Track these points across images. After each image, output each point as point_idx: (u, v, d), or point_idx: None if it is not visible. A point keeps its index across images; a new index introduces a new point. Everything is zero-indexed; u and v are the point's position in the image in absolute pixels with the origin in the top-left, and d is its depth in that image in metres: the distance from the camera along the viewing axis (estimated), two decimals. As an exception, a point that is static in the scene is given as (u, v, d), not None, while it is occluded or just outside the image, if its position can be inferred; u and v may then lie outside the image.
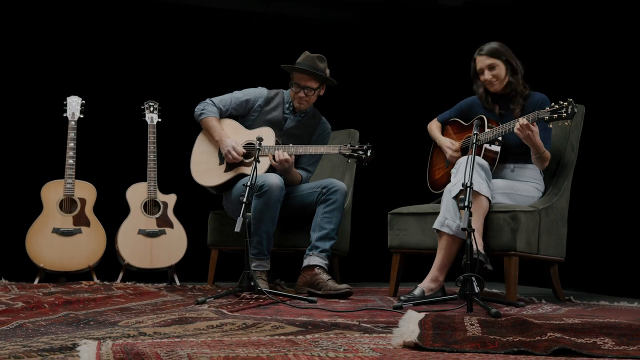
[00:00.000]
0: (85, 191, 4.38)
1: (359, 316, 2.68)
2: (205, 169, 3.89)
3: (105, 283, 4.10)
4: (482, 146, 3.46)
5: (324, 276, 3.57)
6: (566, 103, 3.12)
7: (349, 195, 4.41)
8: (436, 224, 3.33)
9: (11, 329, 2.19)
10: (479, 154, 3.45)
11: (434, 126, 3.91)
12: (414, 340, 1.89)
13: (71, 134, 4.40)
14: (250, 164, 3.71)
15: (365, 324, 2.38)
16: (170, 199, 4.47)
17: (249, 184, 3.19)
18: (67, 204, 4.33)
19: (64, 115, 4.43)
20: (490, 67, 3.50)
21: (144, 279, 4.43)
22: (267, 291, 3.20)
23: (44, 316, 2.52)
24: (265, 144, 3.72)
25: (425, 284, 3.29)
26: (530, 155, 3.46)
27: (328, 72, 3.84)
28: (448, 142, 3.74)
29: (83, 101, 4.50)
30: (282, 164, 3.67)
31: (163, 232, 4.40)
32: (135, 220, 4.39)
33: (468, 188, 2.90)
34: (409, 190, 4.56)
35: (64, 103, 4.45)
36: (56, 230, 4.27)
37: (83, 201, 4.35)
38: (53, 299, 3.02)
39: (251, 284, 3.17)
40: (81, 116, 4.47)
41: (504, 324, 2.30)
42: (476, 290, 2.80)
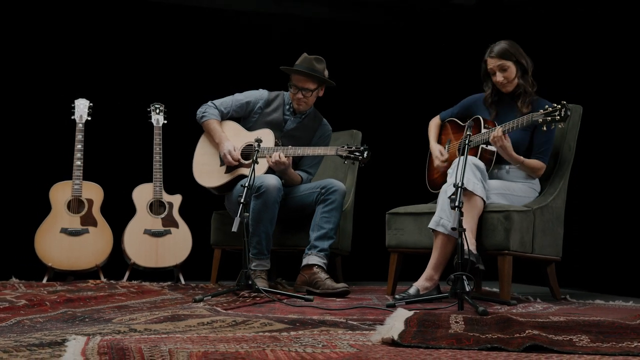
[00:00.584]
0: (93, 192, 4.48)
1: (350, 314, 2.73)
2: (207, 171, 3.97)
3: (112, 282, 4.19)
4: (479, 147, 3.50)
5: (322, 275, 3.63)
6: (559, 106, 3.16)
7: (351, 195, 4.47)
8: (431, 224, 3.37)
9: (8, 326, 2.27)
10: (476, 155, 3.49)
11: (433, 125, 3.94)
12: (392, 336, 1.95)
13: (79, 136, 4.49)
14: (250, 165, 3.77)
15: (353, 322, 2.43)
16: (176, 200, 4.55)
17: (246, 185, 3.26)
18: (75, 205, 4.43)
19: (72, 117, 4.53)
20: (501, 69, 3.53)
21: (150, 278, 4.51)
22: (264, 290, 3.27)
23: (43, 313, 2.61)
24: (265, 146, 3.79)
25: (421, 283, 3.34)
26: (529, 155, 3.51)
27: (327, 73, 3.90)
28: (437, 152, 3.78)
29: (91, 104, 4.59)
30: (278, 165, 3.73)
31: (168, 232, 4.49)
32: (141, 220, 4.47)
33: (459, 188, 2.94)
34: (411, 190, 4.59)
35: (72, 106, 4.55)
36: (64, 230, 4.37)
37: (90, 202, 4.45)
38: (56, 297, 3.10)
39: (249, 283, 3.24)
40: (89, 118, 4.57)
41: (488, 322, 2.34)
42: (467, 289, 2.85)
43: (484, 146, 3.48)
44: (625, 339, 1.97)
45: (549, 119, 3.17)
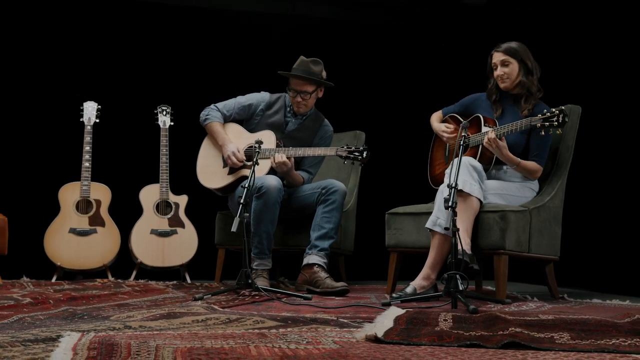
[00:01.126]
0: (101, 193, 4.57)
1: (344, 312, 2.79)
2: (210, 172, 4.04)
3: (119, 281, 4.28)
4: (479, 146, 3.54)
5: (322, 274, 3.69)
6: (557, 111, 3.20)
7: (354, 195, 4.52)
8: (428, 223, 3.42)
9: (9, 323, 2.35)
10: (475, 154, 3.53)
11: (435, 118, 3.98)
12: (374, 333, 2.00)
13: (87, 138, 4.59)
14: (257, 164, 3.83)
15: (344, 320, 2.49)
16: (182, 200, 4.63)
17: (246, 186, 3.32)
18: (83, 205, 4.52)
19: (81, 120, 4.63)
20: (503, 64, 3.59)
21: (157, 277, 4.59)
22: (264, 288, 3.33)
23: (45, 311, 2.69)
24: (266, 147, 3.85)
25: (418, 282, 3.38)
26: (525, 156, 3.54)
27: (325, 74, 3.96)
28: (443, 127, 3.82)
29: (99, 106, 4.69)
30: (281, 167, 3.79)
31: (175, 232, 4.57)
32: (148, 220, 4.56)
33: (452, 189, 2.99)
34: (414, 190, 4.64)
35: (81, 108, 4.65)
36: (73, 230, 4.46)
37: (98, 202, 4.54)
38: (60, 296, 3.19)
39: (249, 282, 3.31)
40: (97, 121, 4.66)
41: (476, 320, 2.39)
42: (460, 288, 2.89)
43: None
44: (605, 337, 2.01)
45: (547, 124, 3.22)
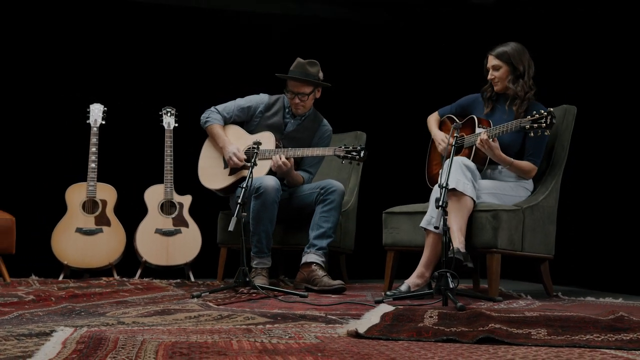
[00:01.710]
0: (107, 193, 4.67)
1: (335, 309, 2.86)
2: (211, 173, 4.12)
3: (124, 279, 4.37)
4: (473, 146, 3.59)
5: (320, 273, 3.76)
6: (546, 113, 3.25)
7: (354, 195, 4.59)
8: (423, 223, 3.48)
9: (9, 318, 2.44)
10: (469, 154, 3.59)
11: (432, 119, 4.04)
12: (355, 329, 2.07)
13: (93, 140, 4.69)
14: (256, 165, 3.91)
15: (332, 316, 2.56)
16: (186, 200, 4.72)
17: (244, 186, 3.40)
18: (90, 205, 4.62)
19: (87, 121, 4.73)
20: (494, 68, 3.65)
21: (162, 275, 4.67)
22: (260, 286, 3.41)
23: (46, 308, 2.78)
24: (265, 148, 3.93)
25: (412, 280, 3.44)
26: (521, 156, 3.59)
27: (321, 75, 4.03)
28: (442, 136, 3.87)
29: (105, 108, 4.79)
30: (280, 168, 3.87)
31: (179, 231, 4.65)
32: (153, 220, 4.65)
33: (443, 189, 3.05)
34: (415, 190, 4.69)
35: (87, 110, 4.75)
36: (79, 230, 4.56)
37: (104, 202, 4.64)
38: (63, 293, 3.28)
39: (247, 280, 3.38)
40: (103, 122, 4.76)
41: (461, 316, 2.44)
42: (451, 286, 2.95)
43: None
44: (580, 332, 2.06)
45: (536, 125, 3.27)
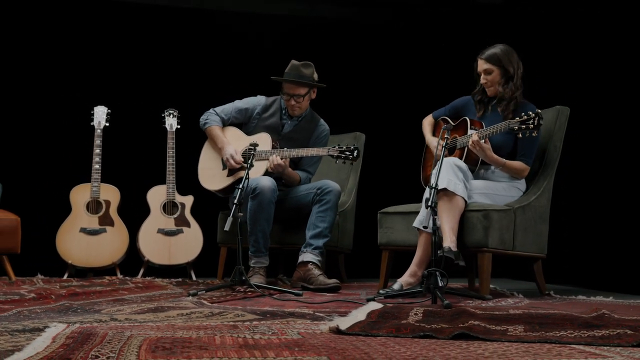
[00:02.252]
0: (110, 193, 4.76)
1: (326, 307, 2.93)
2: (210, 174, 4.20)
3: (126, 278, 4.46)
4: (465, 147, 3.65)
5: (316, 271, 3.83)
6: (533, 115, 3.30)
7: (353, 195, 4.65)
8: (415, 222, 3.54)
9: (7, 315, 2.53)
10: (461, 155, 3.65)
11: (426, 123, 4.10)
12: (336, 325, 2.14)
13: (97, 141, 4.78)
14: (252, 167, 3.98)
15: (320, 314, 2.63)
16: (188, 200, 4.81)
17: (240, 187, 3.48)
18: (94, 206, 4.72)
19: (91, 124, 4.83)
20: (486, 72, 3.70)
21: (164, 274, 4.75)
22: (256, 285, 3.48)
23: (45, 305, 2.86)
24: (263, 149, 4.01)
25: (404, 279, 3.50)
26: (513, 157, 3.64)
27: (316, 76, 4.11)
28: (435, 143, 3.93)
29: (109, 110, 4.89)
30: (276, 168, 3.94)
31: (181, 231, 4.74)
32: (155, 220, 4.74)
33: (433, 189, 3.11)
34: (413, 190, 4.75)
35: (91, 113, 4.85)
36: (83, 230, 4.66)
37: (108, 203, 4.73)
38: (64, 292, 3.37)
39: (242, 279, 3.46)
40: (107, 124, 4.86)
41: (445, 314, 2.51)
42: (440, 284, 3.01)
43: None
44: (556, 329, 2.12)
45: (524, 126, 3.32)
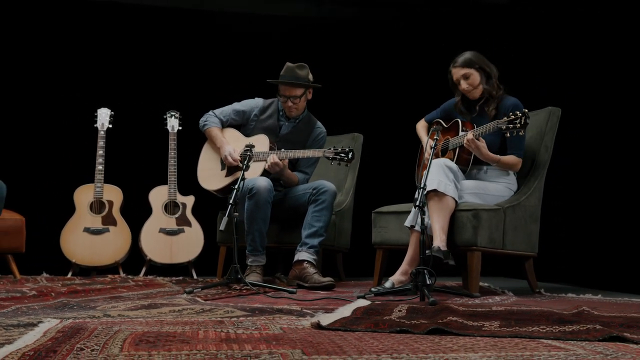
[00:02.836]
0: (113, 194, 4.87)
1: (316, 304, 3.01)
2: (209, 175, 4.30)
3: (128, 276, 4.56)
4: (456, 149, 3.73)
5: (311, 270, 3.91)
6: (520, 114, 3.38)
7: (350, 195, 4.73)
8: (407, 222, 3.62)
9: (6, 312, 2.62)
10: (453, 157, 3.72)
11: (420, 126, 4.18)
12: (317, 321, 2.22)
13: (100, 143, 4.90)
14: (247, 169, 4.07)
15: (307, 310, 2.71)
16: (189, 200, 4.91)
17: (236, 187, 3.57)
18: (97, 206, 4.83)
19: (95, 125, 4.94)
20: (465, 77, 3.76)
21: (166, 273, 4.86)
22: (251, 283, 3.57)
23: (43, 302, 2.96)
24: (260, 150, 4.10)
25: (396, 277, 3.58)
26: (503, 153, 3.71)
27: (311, 77, 4.19)
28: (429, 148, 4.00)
29: (112, 112, 5.00)
30: (273, 167, 4.03)
31: (182, 231, 4.85)
32: (157, 219, 4.85)
33: (421, 189, 3.19)
34: (410, 190, 4.82)
35: (95, 115, 4.97)
36: (87, 229, 4.77)
37: (111, 203, 4.84)
38: (64, 289, 3.47)
39: (238, 277, 3.55)
40: (110, 126, 4.97)
41: (427, 310, 2.58)
42: (428, 282, 3.08)
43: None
44: (530, 325, 2.19)
45: (511, 126, 3.39)
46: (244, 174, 3.66)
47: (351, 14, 5.90)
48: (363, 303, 2.86)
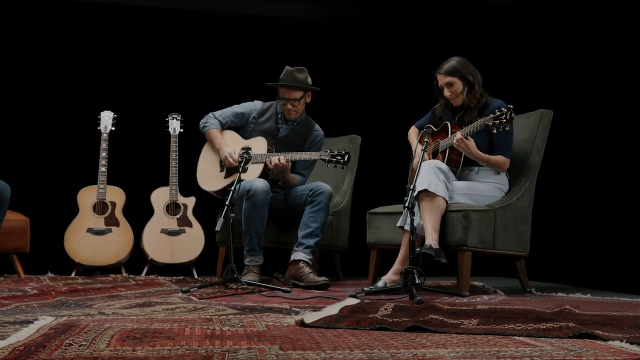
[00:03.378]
0: (116, 195, 4.98)
1: (307, 302, 3.09)
2: (208, 176, 4.39)
3: (130, 276, 4.65)
4: (446, 150, 3.80)
5: (306, 270, 4.00)
6: (506, 110, 3.45)
7: (348, 196, 4.81)
8: (399, 222, 3.69)
9: (5, 310, 2.72)
10: (443, 158, 3.79)
11: (412, 132, 4.27)
12: (301, 319, 2.30)
13: (103, 145, 5.00)
14: (246, 171, 4.16)
15: (296, 308, 2.79)
16: (190, 201, 5.00)
17: (232, 189, 3.66)
18: (100, 207, 4.93)
19: (98, 128, 5.05)
20: (448, 85, 3.84)
21: (168, 272, 4.95)
22: (247, 282, 3.66)
23: (43, 300, 3.06)
24: (258, 152, 4.19)
25: (388, 277, 3.66)
26: (491, 153, 3.78)
27: (310, 80, 4.28)
28: (419, 149, 4.07)
29: (115, 115, 5.10)
30: (277, 168, 4.11)
31: (183, 231, 4.94)
32: (159, 220, 4.94)
33: (410, 190, 3.26)
34: (405, 191, 4.89)
35: (98, 117, 5.07)
36: (90, 230, 4.87)
37: (113, 204, 4.94)
38: (66, 289, 3.56)
39: (234, 276, 3.63)
40: (113, 129, 5.07)
41: (413, 309, 2.65)
42: (417, 282, 3.16)
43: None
44: (507, 322, 2.25)
45: (497, 122, 3.47)
46: (240, 176, 3.75)
47: (351, 14, 5.97)
48: (352, 302, 2.94)
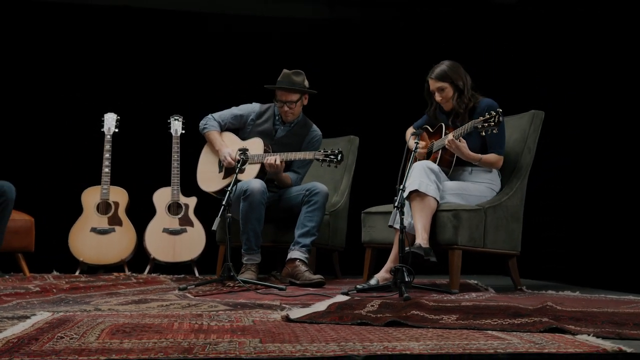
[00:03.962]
0: (119, 195, 5.09)
1: (299, 300, 3.18)
2: (208, 177, 4.49)
3: (133, 274, 4.76)
4: (439, 151, 3.88)
5: (302, 268, 4.09)
6: (494, 113, 3.53)
7: (345, 196, 4.90)
8: (390, 221, 3.78)
9: (6, 306, 2.82)
10: (435, 159, 3.88)
11: (409, 133, 4.34)
12: (287, 314, 2.39)
13: (107, 146, 5.11)
14: (244, 172, 4.26)
15: (286, 305, 2.88)
16: (191, 201, 5.11)
17: (229, 189, 3.75)
18: (103, 207, 5.04)
19: (102, 130, 5.16)
20: (439, 90, 3.93)
21: (170, 271, 5.05)
22: (243, 280, 3.75)
23: (44, 297, 3.16)
24: (254, 153, 4.29)
25: (381, 275, 3.73)
26: (483, 153, 3.86)
27: (307, 83, 4.37)
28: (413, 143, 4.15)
29: (118, 117, 5.22)
30: (271, 168, 4.21)
31: (184, 231, 5.04)
32: (161, 220, 5.05)
33: (400, 190, 3.35)
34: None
35: (102, 119, 5.19)
36: (94, 229, 4.99)
37: (117, 204, 5.06)
38: (67, 286, 3.67)
39: (231, 275, 3.73)
40: (116, 130, 5.19)
41: (398, 305, 2.74)
42: (406, 279, 3.24)
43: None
44: (485, 318, 2.34)
45: (486, 124, 3.55)
46: (237, 177, 3.85)
47: (350, 14, 6.05)
48: (342, 299, 3.03)
